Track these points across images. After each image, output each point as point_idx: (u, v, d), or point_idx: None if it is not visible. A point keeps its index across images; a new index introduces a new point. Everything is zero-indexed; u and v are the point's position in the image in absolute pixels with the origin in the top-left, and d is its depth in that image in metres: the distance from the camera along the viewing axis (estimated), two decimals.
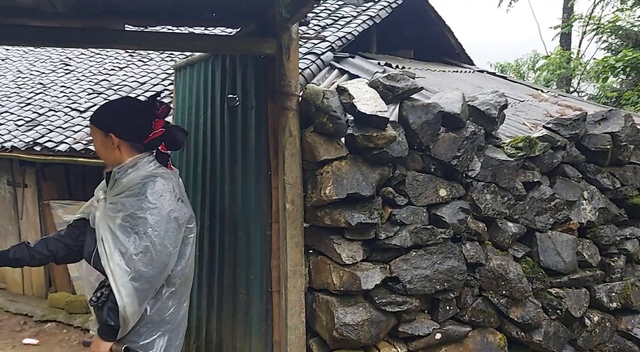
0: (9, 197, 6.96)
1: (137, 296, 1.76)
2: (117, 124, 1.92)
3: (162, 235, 1.78)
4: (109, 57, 8.63)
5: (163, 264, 1.79)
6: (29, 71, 9.16)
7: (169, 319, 1.89)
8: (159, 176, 1.87)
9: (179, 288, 1.92)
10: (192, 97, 3.15)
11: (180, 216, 1.86)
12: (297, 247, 2.30)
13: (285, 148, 2.25)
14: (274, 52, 2.23)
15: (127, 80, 7.36)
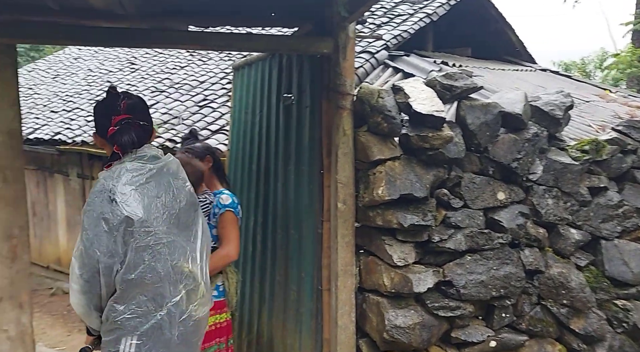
0: (78, 189, 7.39)
1: (80, 297, 1.72)
2: (96, 123, 1.88)
3: (91, 238, 1.68)
4: (171, 57, 8.98)
5: (93, 267, 1.68)
6: (98, 70, 9.69)
7: (121, 324, 1.73)
8: (102, 178, 1.76)
9: (128, 294, 1.74)
10: (249, 96, 3.22)
11: (112, 218, 1.68)
12: (348, 246, 2.30)
13: (338, 147, 2.25)
14: (330, 51, 2.23)
15: (187, 79, 7.61)
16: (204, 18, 2.61)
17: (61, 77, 10.20)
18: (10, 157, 2.16)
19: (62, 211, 7.62)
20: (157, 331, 1.74)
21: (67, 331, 5.96)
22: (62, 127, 7.18)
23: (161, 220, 1.76)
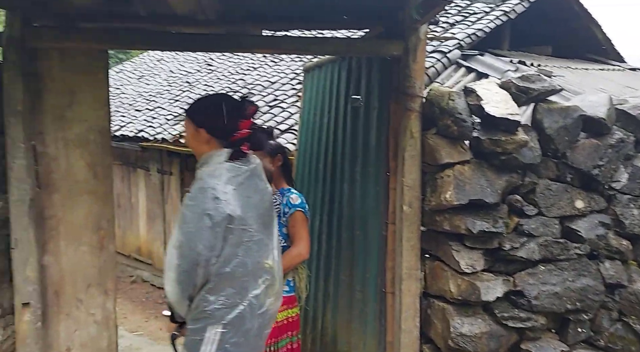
0: (158, 183, 7.85)
1: (176, 286, 1.81)
2: (208, 120, 1.95)
3: (193, 232, 1.78)
4: (245, 58, 9.30)
5: (193, 259, 1.78)
6: (178, 71, 10.24)
7: (210, 313, 1.82)
8: (205, 174, 1.87)
9: (220, 285, 1.84)
10: (318, 98, 3.28)
11: (216, 215, 1.79)
12: (413, 250, 2.28)
13: (405, 150, 2.24)
14: (400, 53, 2.22)
15: (259, 80, 7.85)
16: (278, 23, 2.69)
17: (145, 77, 10.89)
18: (101, 155, 2.35)
19: (143, 204, 8.13)
20: (239, 321, 1.86)
21: (145, 317, 6.36)
22: (144, 125, 7.66)
23: (253, 219, 1.90)
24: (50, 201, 2.27)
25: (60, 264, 2.30)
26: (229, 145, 1.93)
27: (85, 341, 2.36)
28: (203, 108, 2.00)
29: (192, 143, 1.98)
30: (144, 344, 5.28)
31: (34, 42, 2.13)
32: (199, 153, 1.96)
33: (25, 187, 2.12)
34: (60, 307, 2.31)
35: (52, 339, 2.30)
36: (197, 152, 1.97)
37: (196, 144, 1.96)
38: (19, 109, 2.09)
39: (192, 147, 2.00)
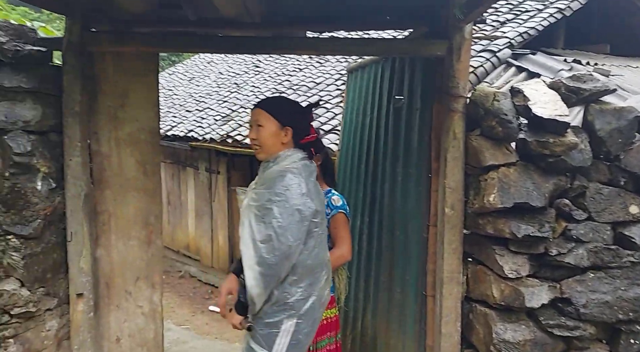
0: (206, 182, 8.08)
1: (261, 279, 1.88)
2: (294, 120, 2.08)
3: (284, 226, 1.87)
4: (291, 59, 9.41)
5: (284, 253, 1.87)
6: (227, 72, 10.50)
7: (292, 305, 1.94)
8: (289, 171, 1.97)
9: (303, 277, 1.97)
10: (361, 98, 3.28)
11: (305, 210, 1.92)
12: (455, 253, 2.24)
13: (447, 151, 2.20)
14: (443, 53, 2.19)
15: (305, 81, 7.92)
16: (321, 24, 2.71)
17: (195, 79, 11.23)
18: (150, 153, 2.46)
19: (192, 202, 8.39)
20: (311, 312, 1.99)
21: (192, 312, 6.56)
22: (194, 125, 7.90)
23: (322, 214, 2.05)
24: (103, 196, 2.40)
25: (111, 257, 2.42)
26: (298, 147, 2.06)
27: (133, 332, 2.47)
28: (290, 109, 2.11)
29: (269, 140, 2.03)
30: (190, 338, 5.44)
31: (91, 46, 2.25)
32: (271, 151, 2.04)
33: (81, 183, 2.25)
34: (111, 298, 2.43)
35: (103, 328, 2.43)
36: (270, 150, 2.04)
37: (273, 142, 2.03)
38: (77, 110, 2.22)
39: (267, 144, 2.04)
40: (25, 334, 2.12)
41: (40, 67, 2.18)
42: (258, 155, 2.08)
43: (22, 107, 2.11)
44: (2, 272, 2.09)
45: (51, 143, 2.22)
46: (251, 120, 2.10)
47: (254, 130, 2.06)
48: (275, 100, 2.20)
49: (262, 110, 2.06)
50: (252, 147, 2.08)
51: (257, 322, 1.95)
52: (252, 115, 2.09)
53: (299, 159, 2.02)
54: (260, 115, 2.05)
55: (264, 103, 2.11)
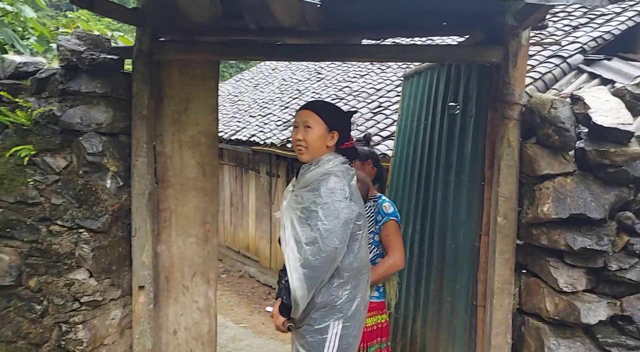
0: (266, 185, 8.29)
1: (305, 281, 1.91)
2: (342, 126, 2.12)
3: (329, 229, 1.90)
4: (352, 66, 9.46)
5: (329, 255, 1.90)
6: (290, 79, 10.74)
7: (340, 308, 1.98)
8: (332, 174, 1.99)
9: (349, 280, 2.00)
10: (416, 104, 3.26)
11: (348, 213, 1.94)
12: (507, 264, 2.17)
13: (501, 159, 2.15)
14: (499, 59, 2.15)
15: (365, 87, 7.94)
16: (377, 31, 2.73)
17: (260, 86, 11.57)
18: (209, 155, 2.59)
19: (253, 204, 8.64)
20: (357, 313, 2.03)
21: (249, 311, 6.74)
22: (256, 130, 8.15)
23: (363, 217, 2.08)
24: (165, 195, 2.55)
25: (170, 253, 2.57)
26: (339, 151, 2.10)
27: (189, 325, 2.61)
28: (337, 113, 2.14)
29: (316, 143, 2.06)
30: (247, 336, 5.60)
31: (158, 55, 2.42)
32: (316, 154, 2.07)
33: (146, 182, 2.41)
34: (170, 292, 2.58)
35: (162, 320, 2.58)
36: (315, 153, 2.07)
37: (319, 145, 2.06)
38: (144, 114, 2.39)
39: (314, 146, 2.07)
40: (93, 321, 2.30)
41: (112, 74, 2.37)
42: (302, 157, 2.10)
43: (96, 111, 2.31)
44: (74, 262, 2.28)
45: (120, 144, 2.40)
46: (298, 121, 2.11)
47: (301, 131, 2.08)
48: (324, 104, 2.22)
49: (311, 112, 2.08)
50: (297, 147, 2.10)
51: (307, 329, 1.99)
52: (300, 117, 2.10)
53: (340, 163, 2.04)
54: (310, 117, 2.07)
55: (313, 105, 2.14)
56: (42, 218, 2.32)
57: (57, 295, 2.26)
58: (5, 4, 4.69)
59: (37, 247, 2.30)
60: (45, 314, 2.29)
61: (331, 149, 2.10)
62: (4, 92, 2.32)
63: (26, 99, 2.34)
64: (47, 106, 2.30)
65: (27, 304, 2.29)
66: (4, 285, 2.31)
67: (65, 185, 2.30)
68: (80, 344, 2.23)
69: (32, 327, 2.29)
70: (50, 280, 2.28)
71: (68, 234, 2.28)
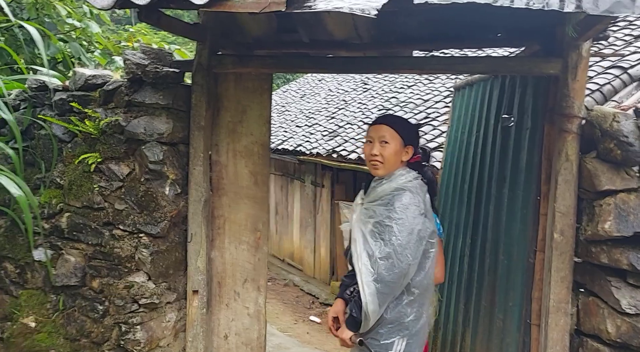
0: (311, 194, 8.36)
1: (378, 296, 1.91)
2: (415, 141, 2.14)
3: (403, 245, 1.90)
4: (399, 77, 9.43)
5: (402, 271, 1.90)
6: (336, 90, 10.83)
7: (407, 325, 1.99)
8: (407, 190, 1.99)
9: (418, 297, 2.01)
10: (467, 116, 3.22)
11: (423, 229, 1.95)
12: (563, 282, 2.10)
13: (559, 173, 2.09)
14: (557, 72, 2.10)
15: (412, 98, 7.89)
16: (429, 43, 2.74)
17: (307, 96, 11.72)
18: (261, 165, 2.66)
19: (297, 213, 8.72)
20: (421, 331, 2.04)
21: (294, 320, 6.78)
22: (302, 140, 8.26)
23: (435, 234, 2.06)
24: (220, 202, 2.64)
25: (223, 259, 2.65)
26: (409, 166, 2.11)
27: (239, 331, 2.67)
28: (411, 128, 2.16)
29: (392, 158, 2.07)
30: (292, 345, 5.63)
31: (216, 68, 2.51)
32: (391, 169, 2.08)
33: (202, 190, 2.50)
34: (222, 297, 2.65)
35: (214, 325, 2.65)
36: (391, 168, 2.08)
37: (395, 160, 2.08)
38: (202, 124, 2.48)
39: (390, 161, 2.07)
40: (150, 322, 2.40)
41: (174, 86, 2.48)
42: (377, 172, 2.10)
43: (159, 122, 2.42)
44: (133, 266, 2.39)
45: (179, 153, 2.51)
46: (373, 136, 2.11)
47: (376, 147, 2.08)
48: (399, 118, 2.23)
49: (388, 127, 2.09)
50: (371, 162, 2.09)
51: (371, 343, 2.00)
52: (376, 131, 2.11)
53: (413, 178, 2.04)
54: (386, 132, 2.08)
55: (389, 120, 2.14)
56: (105, 222, 2.45)
57: (118, 296, 2.37)
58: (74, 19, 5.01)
59: (100, 250, 2.43)
60: (106, 315, 2.40)
61: (404, 163, 2.11)
62: (75, 103, 2.48)
63: (94, 109, 2.49)
64: (114, 116, 2.44)
65: (90, 304, 2.42)
66: (70, 285, 2.45)
67: (128, 191, 2.43)
68: (138, 345, 2.33)
69: (94, 327, 2.41)
70: (111, 282, 2.40)
71: (129, 239, 2.40)
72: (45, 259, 2.48)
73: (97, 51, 5.37)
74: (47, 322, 2.46)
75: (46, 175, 2.59)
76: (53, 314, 2.47)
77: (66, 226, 2.49)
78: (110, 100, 2.52)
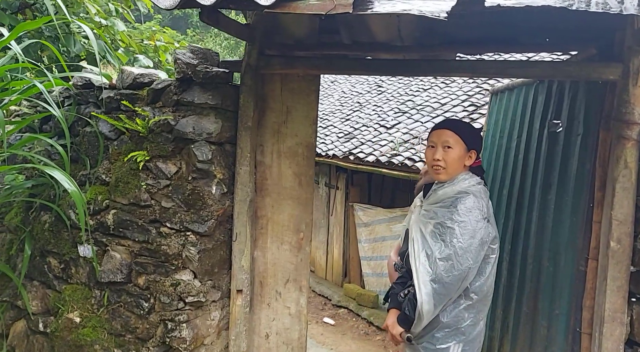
0: (325, 196, 8.35)
1: (434, 296, 1.91)
2: (478, 144, 2.15)
3: (465, 247, 1.90)
4: (415, 80, 9.42)
5: (461, 274, 1.90)
6: (350, 92, 10.82)
7: (464, 330, 1.99)
8: (471, 194, 2.00)
9: (476, 303, 2.01)
10: (506, 121, 3.21)
11: (485, 234, 1.95)
12: (619, 291, 2.09)
13: (617, 181, 2.08)
14: (617, 77, 2.09)
15: (429, 101, 7.89)
16: (473, 46, 2.72)
17: (320, 98, 11.70)
18: (305, 166, 2.65)
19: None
20: (477, 338, 2.03)
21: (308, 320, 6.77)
22: (317, 142, 8.24)
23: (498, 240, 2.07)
24: (263, 202, 2.63)
25: (265, 258, 2.64)
26: (471, 170, 2.11)
27: (280, 330, 2.66)
28: (474, 133, 2.16)
29: (455, 163, 2.08)
30: (310, 346, 5.61)
31: (264, 69, 2.51)
32: (454, 174, 2.08)
33: (247, 190, 2.49)
34: (263, 297, 2.64)
35: (255, 324, 2.64)
36: (453, 172, 2.09)
37: (458, 164, 2.09)
38: (249, 125, 2.48)
39: (453, 166, 2.08)
40: (195, 320, 2.39)
41: (222, 87, 2.47)
42: (439, 177, 2.11)
43: (207, 121, 2.41)
44: (180, 263, 2.39)
45: (226, 153, 2.50)
46: (435, 141, 2.13)
47: (439, 152, 2.10)
48: (461, 123, 2.23)
49: (452, 132, 2.10)
50: (434, 168, 2.11)
51: (427, 347, 2.00)
52: (439, 136, 2.12)
53: (476, 183, 2.05)
54: (450, 137, 2.09)
55: (452, 125, 2.15)
56: (152, 220, 2.44)
57: (164, 293, 2.37)
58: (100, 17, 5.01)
59: (146, 247, 2.42)
60: (151, 311, 2.40)
61: (466, 168, 2.11)
62: (126, 102, 2.48)
63: (143, 107, 2.49)
64: (162, 115, 2.43)
65: (136, 300, 2.42)
66: (116, 281, 2.44)
67: (175, 189, 2.42)
68: (184, 342, 2.32)
69: (139, 323, 2.40)
70: (158, 279, 2.39)
71: (176, 236, 2.39)
72: (90, 255, 2.48)
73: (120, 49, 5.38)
74: (92, 317, 2.45)
75: (91, 172, 2.59)
76: (98, 310, 2.46)
77: (112, 222, 2.48)
78: (158, 99, 2.51)
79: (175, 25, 18.10)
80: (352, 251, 7.77)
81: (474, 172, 2.12)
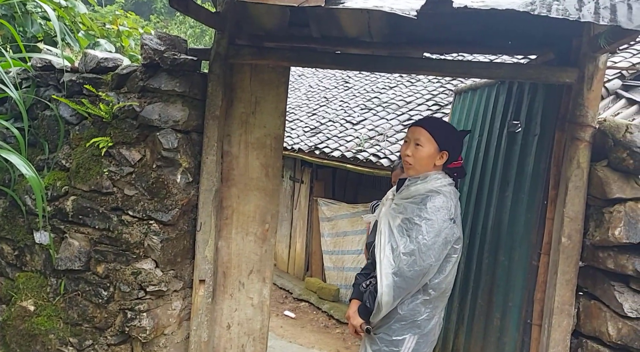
0: (289, 189, 8.35)
1: (394, 289, 1.97)
2: (452, 146, 2.18)
3: (429, 245, 1.96)
4: (381, 77, 9.53)
5: (422, 270, 1.96)
6: (317, 86, 10.83)
7: (419, 324, 2.05)
8: (442, 193, 2.06)
9: (434, 299, 2.08)
10: (468, 120, 3.31)
11: (450, 234, 2.01)
12: (568, 285, 2.20)
13: (569, 180, 2.19)
14: (572, 81, 2.19)
15: (395, 99, 8.00)
16: (440, 46, 2.79)
17: None
18: (273, 157, 2.65)
19: None
20: (431, 332, 2.10)
21: None
22: None
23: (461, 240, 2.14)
24: (229, 193, 2.61)
25: (230, 249, 2.63)
26: (445, 170, 2.16)
27: (242, 321, 2.66)
28: (450, 133, 2.19)
29: (423, 161, 2.13)
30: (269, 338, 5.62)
31: (233, 58, 2.48)
32: (422, 170, 2.13)
33: (213, 179, 2.47)
34: (226, 287, 2.63)
35: (217, 314, 2.63)
36: (421, 170, 2.13)
37: (427, 162, 2.13)
38: (217, 114, 2.45)
39: (421, 163, 2.13)
40: (156, 310, 2.36)
41: (190, 74, 2.44)
42: (408, 172, 2.18)
43: (174, 109, 2.38)
44: (142, 252, 2.35)
45: (192, 142, 2.47)
46: (410, 137, 2.18)
47: (410, 147, 2.15)
48: (438, 123, 2.27)
49: (424, 130, 2.14)
50: (404, 162, 2.18)
51: (382, 338, 2.06)
52: (413, 133, 2.17)
53: (447, 184, 2.11)
54: (422, 135, 2.13)
55: (427, 123, 2.19)
56: (114, 208, 2.39)
57: (124, 282, 2.32)
58: None
59: (107, 235, 2.37)
60: (110, 300, 2.35)
61: (438, 167, 2.16)
62: (89, 86, 2.41)
63: (107, 93, 2.42)
64: (127, 101, 2.38)
65: (94, 289, 2.36)
66: (74, 269, 2.38)
67: (138, 177, 2.37)
68: (144, 332, 2.29)
69: (98, 312, 2.35)
70: (118, 267, 2.34)
71: (139, 225, 2.35)
72: (47, 242, 2.40)
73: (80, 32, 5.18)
74: (47, 306, 2.38)
75: (50, 157, 2.50)
76: (54, 298, 2.39)
77: (71, 209, 2.41)
78: (123, 84, 2.46)
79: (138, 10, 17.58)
80: (315, 244, 7.82)
81: (452, 173, 2.18)
